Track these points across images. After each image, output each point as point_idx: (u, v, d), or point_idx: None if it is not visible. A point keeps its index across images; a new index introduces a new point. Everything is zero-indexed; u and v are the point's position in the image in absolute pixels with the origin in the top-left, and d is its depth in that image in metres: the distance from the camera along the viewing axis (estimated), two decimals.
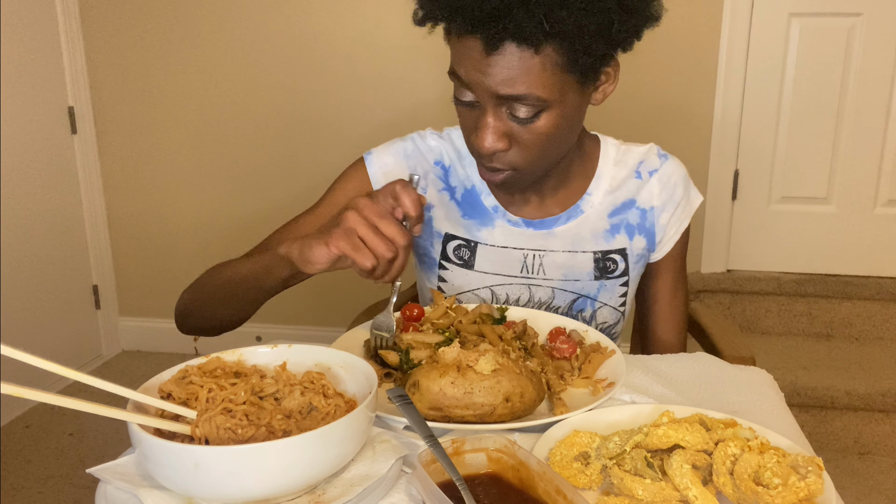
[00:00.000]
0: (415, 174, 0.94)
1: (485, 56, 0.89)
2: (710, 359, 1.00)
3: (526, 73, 0.89)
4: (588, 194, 1.14)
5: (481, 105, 0.95)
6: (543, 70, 0.89)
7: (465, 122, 1.00)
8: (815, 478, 0.64)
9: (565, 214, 1.13)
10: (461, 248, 1.15)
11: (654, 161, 1.16)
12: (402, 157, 1.15)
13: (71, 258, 2.80)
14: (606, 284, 1.14)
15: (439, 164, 1.16)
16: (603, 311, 1.16)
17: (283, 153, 2.78)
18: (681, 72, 2.52)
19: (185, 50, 2.73)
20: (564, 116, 0.95)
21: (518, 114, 0.93)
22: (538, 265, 1.13)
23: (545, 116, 0.94)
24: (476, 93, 0.93)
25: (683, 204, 1.16)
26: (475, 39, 0.89)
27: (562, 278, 1.14)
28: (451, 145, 1.16)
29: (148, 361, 2.97)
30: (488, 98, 0.93)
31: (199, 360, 0.74)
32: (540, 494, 0.65)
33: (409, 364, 0.89)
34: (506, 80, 0.90)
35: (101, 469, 0.69)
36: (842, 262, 2.64)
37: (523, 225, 1.13)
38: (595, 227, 1.14)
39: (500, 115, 0.94)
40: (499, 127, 0.94)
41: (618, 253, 1.14)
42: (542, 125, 0.94)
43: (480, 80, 0.91)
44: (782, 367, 2.36)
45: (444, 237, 1.15)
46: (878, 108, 2.49)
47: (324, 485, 0.67)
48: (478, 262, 1.15)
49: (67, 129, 2.75)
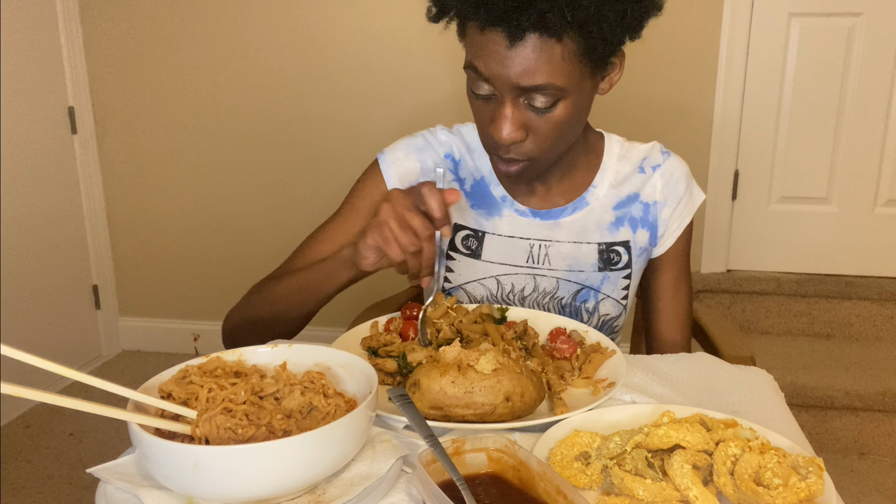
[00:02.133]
0: (439, 167, 0.96)
1: (507, 48, 0.90)
2: (711, 359, 1.00)
3: (546, 63, 0.90)
4: (593, 186, 1.16)
5: (499, 97, 0.95)
6: (563, 60, 0.91)
7: (481, 115, 1.00)
8: (815, 478, 0.64)
9: (571, 206, 1.15)
10: (469, 238, 1.16)
11: (657, 157, 1.17)
12: (414, 151, 1.16)
13: (71, 258, 2.80)
14: (610, 276, 1.16)
15: (449, 157, 1.18)
16: (606, 303, 1.17)
17: (283, 153, 2.78)
18: (681, 72, 2.52)
19: (185, 50, 2.73)
20: (578, 105, 0.97)
21: (536, 104, 0.94)
22: (543, 255, 1.15)
23: (562, 105, 0.95)
24: (496, 85, 0.94)
25: (686, 200, 1.17)
26: (497, 32, 0.90)
27: (566, 269, 1.15)
28: (460, 139, 1.18)
29: (148, 361, 2.97)
30: (508, 90, 0.93)
31: (200, 360, 0.74)
32: (540, 494, 0.65)
33: (408, 368, 0.89)
34: (527, 71, 0.91)
35: (101, 469, 0.69)
36: (842, 262, 2.64)
37: (530, 215, 1.15)
38: (600, 218, 1.15)
39: (518, 105, 0.95)
40: (517, 118, 0.95)
41: (621, 245, 1.16)
42: (558, 114, 0.95)
43: (501, 73, 0.92)
44: (782, 367, 2.36)
45: (454, 228, 1.16)
46: (878, 108, 2.49)
47: (324, 485, 0.67)
48: (485, 252, 1.16)
49: (67, 129, 2.75)
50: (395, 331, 0.99)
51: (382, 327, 1.01)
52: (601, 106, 1.04)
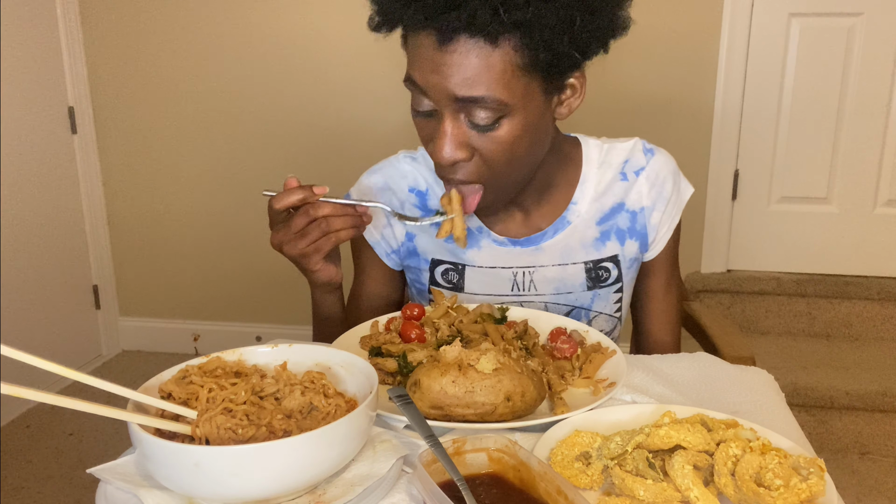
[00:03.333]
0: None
1: (440, 53, 0.85)
2: (711, 359, 1.00)
3: (484, 71, 0.85)
4: (574, 203, 1.09)
5: (439, 113, 0.90)
6: (504, 70, 0.85)
7: (423, 135, 0.95)
8: (816, 479, 0.64)
9: (552, 228, 1.09)
10: (449, 272, 1.12)
11: (639, 159, 1.11)
12: (377, 191, 1.14)
13: (71, 258, 2.80)
14: (600, 293, 1.12)
15: (413, 191, 1.13)
16: (598, 320, 1.14)
17: (284, 153, 2.78)
18: (681, 71, 2.52)
19: (185, 50, 2.73)
20: (527, 125, 0.91)
21: (477, 120, 0.88)
22: (528, 281, 1.10)
23: (507, 123, 0.89)
24: (433, 97, 0.89)
25: (674, 200, 1.12)
26: (429, 35, 0.86)
27: (554, 292, 1.11)
28: (425, 166, 1.13)
29: (148, 361, 2.97)
30: (446, 103, 0.88)
31: (200, 360, 0.74)
32: (541, 494, 0.65)
33: (409, 367, 0.89)
34: (463, 80, 0.85)
35: (101, 469, 0.68)
36: (842, 262, 2.64)
37: (509, 244, 1.10)
38: (584, 236, 1.10)
39: (458, 122, 0.89)
40: (457, 135, 0.90)
41: (609, 261, 1.11)
42: (503, 133, 0.89)
43: (437, 82, 0.87)
44: (782, 367, 2.36)
45: (431, 263, 1.13)
46: (878, 108, 2.49)
47: (324, 485, 0.67)
48: (467, 285, 1.12)
49: (67, 129, 2.75)
50: (395, 330, 0.98)
51: (382, 327, 1.01)
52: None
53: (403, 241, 1.15)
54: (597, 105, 1.01)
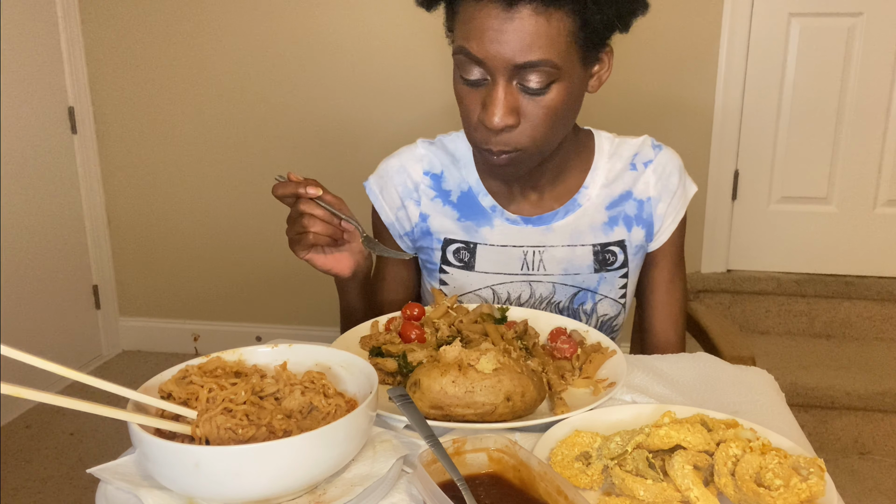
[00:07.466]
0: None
1: (500, 21, 0.89)
2: (711, 359, 1.00)
3: (543, 35, 0.90)
4: (585, 188, 1.14)
5: (491, 80, 0.94)
6: (559, 34, 0.90)
7: (469, 103, 0.98)
8: (816, 479, 0.64)
9: (563, 209, 1.14)
10: (461, 251, 1.16)
11: (648, 152, 1.16)
12: (393, 173, 1.18)
13: (71, 258, 2.80)
14: (606, 277, 1.15)
15: (428, 174, 1.17)
16: (604, 304, 1.17)
17: (284, 153, 2.78)
18: (681, 71, 2.52)
19: (185, 49, 2.73)
20: (570, 92, 0.96)
21: (530, 84, 0.93)
22: (538, 261, 1.14)
23: (555, 88, 0.94)
24: (489, 65, 0.92)
25: (679, 193, 1.16)
26: (493, 5, 0.90)
27: (562, 273, 1.14)
28: (442, 150, 1.18)
29: (148, 361, 2.97)
30: (501, 70, 0.92)
31: (200, 360, 0.74)
32: (541, 494, 0.65)
33: (408, 367, 0.89)
34: (522, 46, 0.90)
35: (101, 469, 0.68)
36: (842, 262, 2.64)
37: (521, 222, 1.14)
38: (593, 219, 1.14)
39: (511, 88, 0.94)
40: (509, 101, 0.94)
41: (616, 245, 1.15)
42: (551, 98, 0.94)
43: (497, 51, 0.91)
44: (782, 367, 2.36)
45: (444, 242, 1.17)
46: (878, 108, 2.49)
47: (324, 485, 0.67)
48: (478, 263, 1.15)
49: (67, 129, 2.75)
50: (395, 330, 0.98)
51: (382, 327, 1.01)
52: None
53: (417, 222, 1.18)
54: (597, 105, 1.02)
